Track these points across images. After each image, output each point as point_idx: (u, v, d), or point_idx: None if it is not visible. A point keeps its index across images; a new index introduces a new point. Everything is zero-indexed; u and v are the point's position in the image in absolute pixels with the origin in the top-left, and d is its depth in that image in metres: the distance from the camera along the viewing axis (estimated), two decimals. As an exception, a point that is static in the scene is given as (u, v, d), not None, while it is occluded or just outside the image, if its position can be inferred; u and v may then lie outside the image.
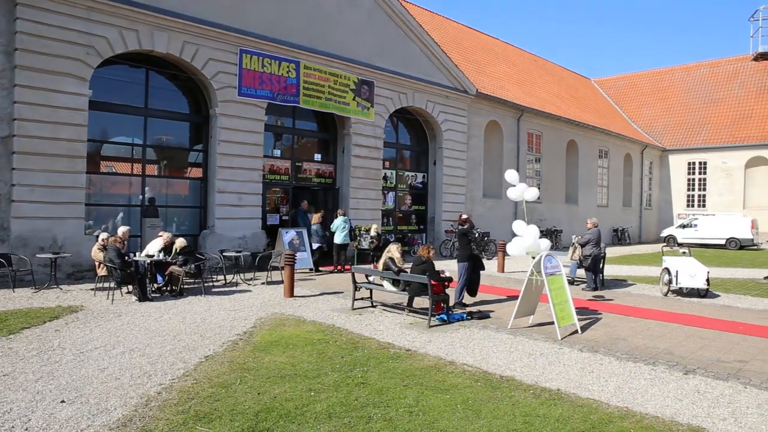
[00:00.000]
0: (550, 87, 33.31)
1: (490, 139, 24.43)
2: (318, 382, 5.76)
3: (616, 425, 4.81)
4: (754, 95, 36.50)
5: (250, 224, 15.29)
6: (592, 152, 31.77)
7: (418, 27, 19.91)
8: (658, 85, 42.39)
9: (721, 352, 7.44)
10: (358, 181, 18.16)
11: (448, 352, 7.09)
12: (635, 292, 13.14)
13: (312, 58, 16.44)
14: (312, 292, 11.77)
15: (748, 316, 10.25)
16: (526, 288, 8.52)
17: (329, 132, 18.34)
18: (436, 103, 20.78)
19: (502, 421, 4.82)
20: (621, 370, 6.52)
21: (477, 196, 23.29)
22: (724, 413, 5.18)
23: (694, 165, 37.08)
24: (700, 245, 30.31)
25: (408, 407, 5.11)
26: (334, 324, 8.66)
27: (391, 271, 9.64)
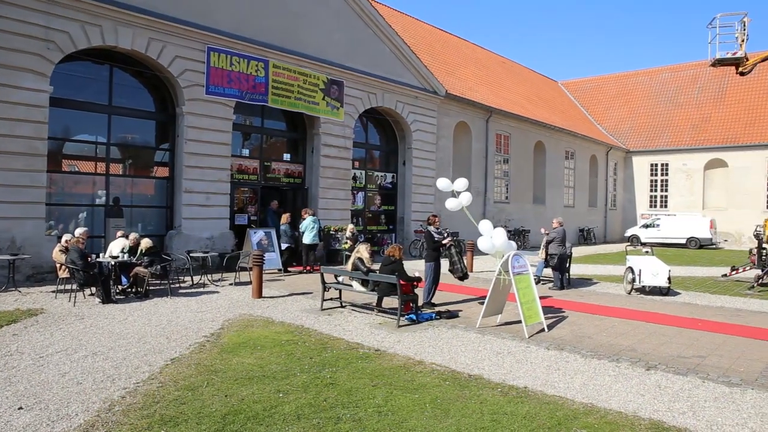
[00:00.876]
0: (518, 89, 33.77)
1: (459, 139, 24.63)
2: (286, 384, 5.72)
3: (581, 421, 4.91)
4: (712, 100, 37.68)
5: (218, 224, 15.10)
6: (559, 153, 32.32)
7: (387, 27, 19.94)
8: (622, 88, 43.38)
9: (681, 348, 7.66)
10: (328, 181, 18.10)
11: (417, 352, 7.12)
12: (600, 290, 13.41)
13: (281, 57, 16.32)
14: (281, 292, 11.68)
15: (707, 313, 10.57)
16: (493, 287, 8.61)
17: (298, 132, 18.23)
18: (406, 103, 20.85)
19: (470, 420, 4.87)
20: (586, 367, 6.65)
21: (446, 195, 23.39)
22: (684, 407, 5.33)
23: (656, 166, 38.04)
24: (663, 244, 31.16)
25: (377, 407, 5.12)
26: (303, 325, 8.61)
27: (360, 271, 9.64)
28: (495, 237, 9.04)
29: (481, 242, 9.08)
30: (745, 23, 15.47)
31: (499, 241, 9.00)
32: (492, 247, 8.96)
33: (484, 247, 9.06)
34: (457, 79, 26.33)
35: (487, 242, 8.99)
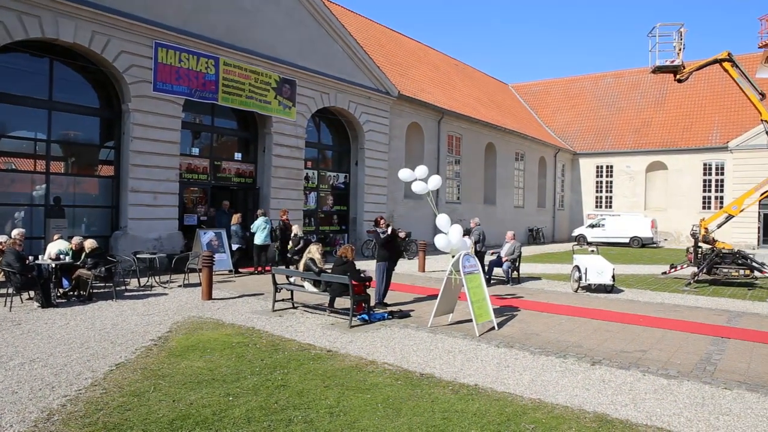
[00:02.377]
0: (469, 91, 34.28)
1: (412, 140, 24.82)
2: (237, 387, 5.63)
3: (529, 416, 5.03)
4: (653, 105, 39.32)
5: (166, 225, 14.71)
6: (510, 155, 33.00)
7: (340, 27, 19.90)
8: (569, 92, 44.73)
9: (624, 343, 7.95)
10: (280, 181, 17.90)
11: (369, 352, 7.14)
12: (548, 288, 13.77)
13: (232, 54, 16.04)
14: (231, 294, 11.48)
15: (648, 309, 11.02)
16: (445, 287, 8.72)
17: (250, 131, 17.96)
18: (359, 103, 20.85)
19: (421, 418, 4.91)
20: (534, 363, 6.82)
21: (398, 196, 23.58)
22: (626, 399, 5.54)
23: (602, 168, 39.37)
24: (608, 244, 32.30)
25: (329, 408, 5.10)
26: (254, 326, 8.50)
27: (312, 271, 9.58)
28: (452, 234, 9.00)
29: (438, 240, 9.00)
30: (682, 33, 16.19)
31: (455, 238, 9.01)
32: (448, 244, 8.94)
33: (441, 244, 9.00)
34: (409, 80, 26.51)
35: (444, 240, 8.94)
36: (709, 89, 36.50)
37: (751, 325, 9.57)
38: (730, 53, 15.92)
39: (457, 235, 9.00)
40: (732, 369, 6.72)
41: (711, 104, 36.51)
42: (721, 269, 14.91)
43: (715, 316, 10.34)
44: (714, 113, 35.96)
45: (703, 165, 35.12)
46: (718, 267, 14.93)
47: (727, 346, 7.90)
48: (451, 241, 8.93)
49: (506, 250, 14.40)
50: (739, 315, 10.56)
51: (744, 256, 15.02)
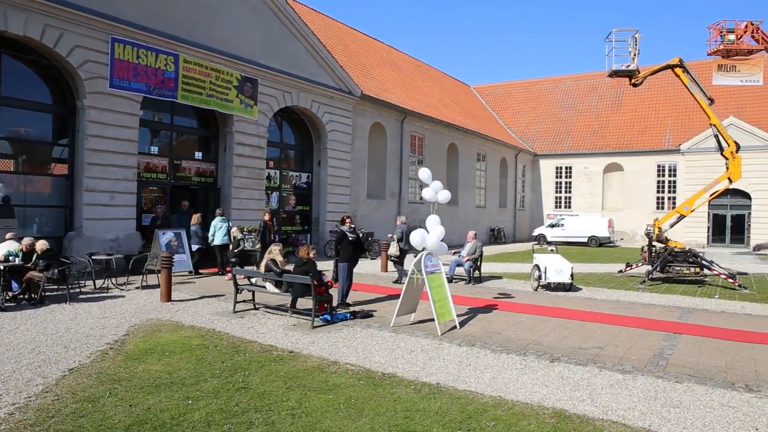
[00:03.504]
0: (432, 91, 34.53)
1: (374, 140, 24.85)
2: (196, 390, 5.54)
3: (490, 414, 5.10)
4: (610, 108, 40.42)
5: (124, 225, 14.34)
6: (471, 155, 33.39)
7: (303, 26, 19.77)
8: (530, 94, 45.57)
9: (581, 340, 8.14)
10: (241, 180, 17.67)
11: (331, 353, 7.12)
12: (509, 287, 13.98)
13: (192, 51, 15.75)
14: (191, 295, 11.27)
15: (604, 306, 11.31)
16: (407, 286, 8.76)
17: (211, 129, 17.67)
18: (321, 103, 20.76)
19: (384, 418, 4.93)
20: (495, 361, 6.91)
21: (361, 196, 23.58)
22: (583, 395, 5.67)
23: (561, 169, 40.24)
24: (567, 243, 33.02)
25: (290, 410, 5.07)
26: (215, 328, 8.36)
27: (274, 272, 9.50)
28: (429, 236, 8.92)
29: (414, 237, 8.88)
30: (637, 39, 16.70)
31: (431, 241, 8.95)
32: (423, 242, 8.86)
33: (416, 242, 8.88)
34: (372, 80, 26.54)
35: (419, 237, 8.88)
36: (662, 93, 37.71)
37: (700, 320, 9.94)
38: (682, 59, 16.48)
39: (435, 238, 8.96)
40: (683, 363, 6.96)
41: (664, 108, 37.76)
42: (673, 267, 15.42)
43: (668, 313, 10.68)
44: (667, 117, 37.20)
45: (657, 167, 36.28)
46: (670, 265, 15.44)
47: (678, 342, 8.18)
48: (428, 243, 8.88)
49: (468, 249, 14.57)
50: (690, 311, 10.95)
51: (695, 255, 15.57)
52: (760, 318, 10.40)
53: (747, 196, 33.22)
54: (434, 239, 8.92)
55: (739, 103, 33.93)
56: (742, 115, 33.31)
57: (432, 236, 8.91)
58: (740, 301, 12.37)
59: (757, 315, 10.72)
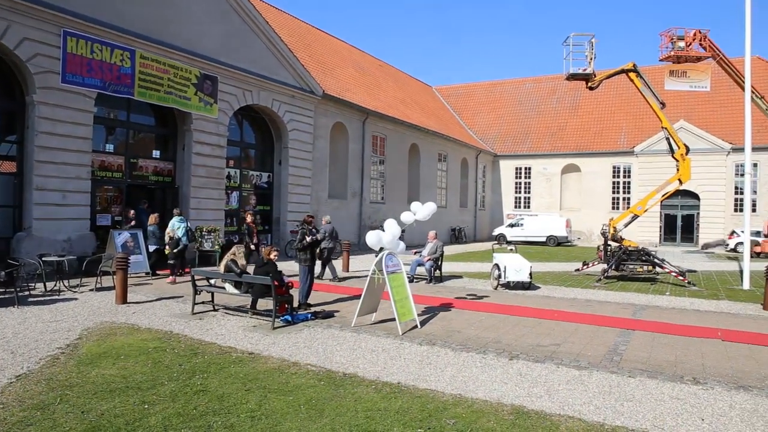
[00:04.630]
0: (394, 92, 34.64)
1: (336, 140, 24.77)
2: (153, 394, 5.41)
3: (450, 412, 5.15)
4: (568, 110, 41.37)
5: (77, 225, 13.89)
6: (433, 156, 33.64)
7: (264, 23, 19.55)
8: (491, 96, 46.21)
9: (540, 338, 8.30)
10: (200, 179, 17.35)
11: (292, 353, 7.06)
12: (470, 286, 14.14)
13: (149, 47, 15.37)
14: (148, 297, 11.01)
15: (562, 304, 11.56)
16: (368, 286, 8.76)
17: (169, 127, 17.29)
18: (282, 102, 20.58)
19: (344, 418, 4.92)
20: (456, 360, 6.98)
21: (322, 196, 23.47)
22: (541, 391, 5.79)
23: (520, 170, 40.96)
24: (526, 242, 33.63)
25: (250, 412, 5.01)
26: (172, 330, 8.19)
27: (234, 273, 9.36)
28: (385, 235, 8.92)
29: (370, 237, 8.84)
30: (593, 43, 17.14)
31: (387, 238, 8.96)
32: (378, 242, 8.86)
33: (371, 242, 8.88)
34: (334, 79, 26.45)
35: (374, 237, 8.86)
36: (617, 97, 38.80)
37: (652, 317, 10.27)
38: (635, 64, 16.99)
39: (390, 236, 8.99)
40: (635, 358, 7.18)
41: (619, 111, 38.86)
42: (627, 266, 15.90)
43: (622, 310, 11.00)
44: (622, 120, 38.30)
45: (613, 168, 37.32)
46: (625, 264, 15.91)
47: (632, 338, 8.43)
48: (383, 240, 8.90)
49: (428, 249, 14.67)
50: (643, 308, 11.30)
51: (647, 253, 16.09)
52: (708, 314, 10.82)
53: (696, 197, 34.51)
54: (389, 237, 8.95)
55: (689, 108, 35.20)
56: (692, 119, 34.59)
57: (387, 235, 8.93)
58: (689, 298, 12.84)
59: (705, 311, 11.15)
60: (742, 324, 9.77)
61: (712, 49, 17.74)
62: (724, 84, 27.00)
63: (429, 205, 9.62)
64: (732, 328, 9.24)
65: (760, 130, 29.33)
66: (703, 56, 17.92)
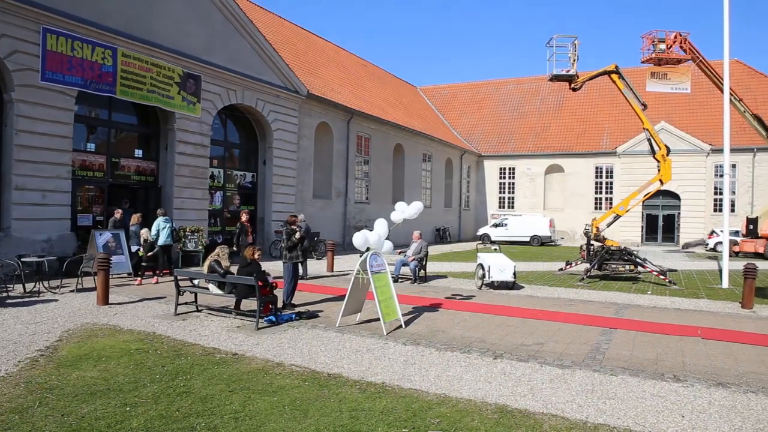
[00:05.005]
0: (378, 92, 34.65)
1: (321, 140, 24.71)
2: (135, 396, 5.35)
3: (434, 411, 5.16)
4: (551, 111, 41.70)
5: (57, 225, 13.70)
6: (417, 156, 33.70)
7: (248, 23, 19.44)
8: (475, 96, 46.42)
9: (524, 337, 8.35)
10: (183, 179, 17.21)
11: (276, 354, 7.03)
12: (454, 286, 14.19)
13: (131, 45, 15.20)
14: (130, 298, 10.89)
15: (545, 303, 11.65)
16: (352, 286, 8.75)
17: (151, 127, 17.13)
18: (267, 101, 20.48)
19: (329, 419, 4.90)
20: (440, 359, 7.00)
21: (307, 196, 23.41)
22: (524, 390, 5.82)
23: (504, 170, 41.20)
24: (510, 242, 33.83)
25: (234, 413, 4.97)
26: (155, 331, 8.11)
27: (217, 273, 9.30)
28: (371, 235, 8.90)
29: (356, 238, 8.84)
30: (576, 45, 17.30)
31: (373, 238, 8.95)
32: (365, 242, 8.84)
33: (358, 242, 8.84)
34: (319, 79, 26.39)
35: (361, 238, 8.87)
36: (600, 98, 39.19)
37: (634, 315, 10.39)
38: (617, 66, 17.18)
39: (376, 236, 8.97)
40: (618, 357, 7.25)
41: (602, 112, 39.26)
42: (610, 265, 16.07)
43: (605, 309, 11.11)
44: (605, 121, 38.69)
45: (595, 168, 37.69)
46: (607, 263, 16.07)
47: (614, 336, 8.51)
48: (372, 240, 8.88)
49: (413, 249, 14.70)
50: (625, 307, 11.43)
51: (629, 253, 16.28)
52: (688, 312, 10.97)
53: (677, 197, 34.99)
54: (376, 237, 8.95)
55: (669, 109, 35.68)
56: (673, 121, 35.06)
57: (374, 235, 8.93)
58: (670, 297, 13.02)
59: (685, 309, 11.31)
60: (721, 322, 9.92)
61: (692, 52, 17.99)
62: (703, 86, 27.39)
63: (415, 204, 9.67)
64: (711, 327, 9.39)
65: (738, 131, 29.80)
66: (684, 59, 18.17)
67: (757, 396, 5.78)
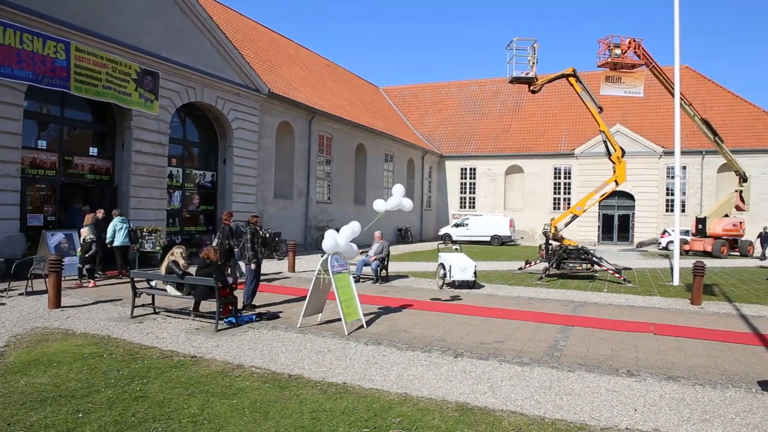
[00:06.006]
0: (341, 92, 34.55)
1: (282, 139, 24.49)
2: (88, 402, 5.19)
3: (396, 410, 5.17)
4: (511, 113, 42.40)
5: (5, 226, 13.16)
6: (379, 156, 33.75)
7: (208, 19, 19.11)
8: (437, 97, 46.80)
9: (484, 335, 8.46)
10: (140, 178, 16.79)
11: (236, 356, 6.93)
12: (416, 286, 14.27)
13: (86, 40, 14.72)
14: (84, 301, 10.56)
15: (506, 302, 11.83)
16: (314, 287, 8.70)
17: (107, 124, 16.64)
18: (227, 100, 20.17)
19: (289, 420, 4.86)
20: (401, 359, 7.03)
21: (268, 196, 23.16)
22: (484, 388, 5.90)
23: (466, 170, 41.67)
24: (471, 242, 34.23)
25: (192, 417, 4.88)
26: (110, 335, 7.89)
27: (175, 274, 9.11)
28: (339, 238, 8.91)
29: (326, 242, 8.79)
30: (535, 48, 17.65)
31: (342, 241, 8.95)
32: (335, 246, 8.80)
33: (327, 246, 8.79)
34: (280, 78, 26.15)
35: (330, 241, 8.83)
36: (559, 101, 40.06)
37: (590, 313, 10.66)
38: (575, 69, 17.60)
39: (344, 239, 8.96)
40: (575, 353, 7.43)
41: (560, 114, 40.13)
42: (567, 264, 16.44)
43: (562, 307, 11.36)
44: (563, 123, 39.56)
45: (554, 169, 38.50)
46: (565, 262, 16.44)
47: (571, 334, 8.71)
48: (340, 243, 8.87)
49: (375, 249, 14.71)
50: (582, 305, 11.71)
51: (586, 252, 16.69)
52: (642, 309, 11.32)
53: (631, 198, 36.06)
54: (344, 241, 8.96)
55: (625, 112, 36.74)
56: (628, 123, 36.11)
57: (342, 238, 8.94)
58: (625, 294, 13.40)
59: (639, 306, 11.66)
60: (672, 318, 10.28)
61: (646, 57, 18.59)
62: (656, 90, 28.30)
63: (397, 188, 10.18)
64: (663, 323, 9.72)
65: (688, 135, 30.92)
66: (638, 63, 18.75)
67: (704, 388, 6.01)
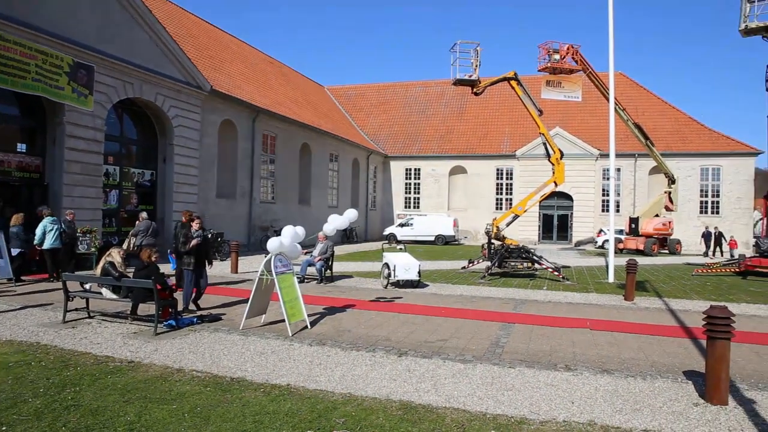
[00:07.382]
0: (285, 90, 34.17)
1: (225, 138, 23.99)
2: (13, 413, 4.91)
3: (340, 411, 5.15)
4: (455, 114, 43.09)
5: None
6: (324, 156, 33.59)
7: (147, 12, 18.48)
8: (382, 97, 46.99)
9: (427, 334, 8.55)
10: (74, 177, 16.06)
11: (176, 360, 6.73)
12: (360, 285, 14.27)
13: (11, 29, 13.93)
14: (11, 306, 10.00)
15: (449, 301, 12.00)
16: (257, 287, 8.56)
17: (37, 119, 15.82)
18: (167, 96, 19.58)
19: (231, 424, 4.76)
20: (346, 359, 7.01)
21: (210, 196, 22.65)
22: (428, 386, 5.96)
23: (410, 171, 42.03)
24: (416, 242, 34.56)
25: (128, 424, 4.70)
26: (39, 341, 7.50)
27: (112, 276, 8.76)
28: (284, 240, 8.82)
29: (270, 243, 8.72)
30: (478, 51, 18.01)
31: (287, 241, 8.85)
32: (279, 247, 8.68)
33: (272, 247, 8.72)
34: (223, 75, 25.62)
35: (275, 243, 8.71)
36: (501, 103, 41.02)
37: (531, 310, 10.96)
38: (516, 73, 18.06)
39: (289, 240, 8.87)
40: (515, 350, 7.62)
41: (503, 116, 41.10)
42: (509, 263, 16.85)
43: (504, 305, 11.62)
44: (505, 125, 40.53)
45: (497, 170, 39.38)
46: (507, 261, 16.84)
47: (512, 331, 8.93)
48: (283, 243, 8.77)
49: (319, 249, 14.63)
50: (523, 302, 12.02)
51: (527, 251, 17.16)
52: (579, 306, 11.74)
53: (570, 198, 37.33)
54: (288, 241, 8.87)
55: (564, 115, 37.99)
56: (567, 126, 37.37)
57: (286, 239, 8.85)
58: (563, 292, 13.86)
59: (577, 303, 12.09)
60: (607, 314, 10.70)
61: (583, 63, 19.30)
62: (593, 95, 29.41)
63: (349, 212, 10.26)
64: (599, 318, 10.10)
65: (623, 138, 32.33)
66: (575, 69, 19.45)
67: (635, 380, 6.29)
